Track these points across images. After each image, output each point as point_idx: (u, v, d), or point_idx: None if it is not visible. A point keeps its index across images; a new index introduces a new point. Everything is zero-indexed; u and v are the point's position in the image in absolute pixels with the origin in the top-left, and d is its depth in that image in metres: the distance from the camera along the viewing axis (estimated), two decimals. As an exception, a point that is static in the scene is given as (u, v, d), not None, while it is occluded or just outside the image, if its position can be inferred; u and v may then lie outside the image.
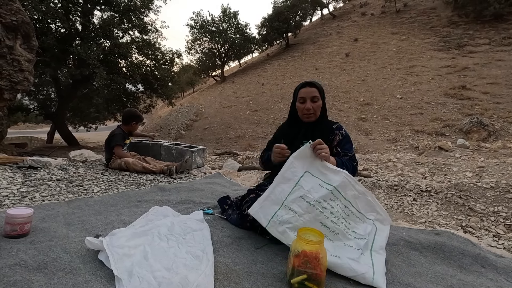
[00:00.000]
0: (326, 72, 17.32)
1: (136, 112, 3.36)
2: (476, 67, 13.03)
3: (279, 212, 1.29)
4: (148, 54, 13.86)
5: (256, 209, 1.34)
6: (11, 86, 5.03)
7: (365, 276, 1.12)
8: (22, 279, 0.98)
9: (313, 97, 1.60)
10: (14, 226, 1.27)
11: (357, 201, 1.35)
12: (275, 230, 1.27)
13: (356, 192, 1.35)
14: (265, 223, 1.29)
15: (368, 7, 27.19)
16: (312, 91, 1.60)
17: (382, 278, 1.14)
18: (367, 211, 1.35)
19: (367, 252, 1.24)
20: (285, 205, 1.30)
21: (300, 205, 1.28)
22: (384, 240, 1.32)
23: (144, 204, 1.88)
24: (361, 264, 1.16)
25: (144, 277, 1.01)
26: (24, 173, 2.57)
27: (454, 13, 19.31)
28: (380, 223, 1.36)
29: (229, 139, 12.87)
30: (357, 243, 1.25)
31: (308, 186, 1.32)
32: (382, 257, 1.25)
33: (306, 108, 1.61)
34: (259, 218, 1.32)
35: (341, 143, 1.61)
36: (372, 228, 1.32)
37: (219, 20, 26.74)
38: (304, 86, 1.63)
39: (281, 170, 1.38)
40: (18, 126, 26.42)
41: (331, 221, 1.27)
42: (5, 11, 4.78)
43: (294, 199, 1.30)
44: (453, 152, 6.26)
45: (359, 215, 1.33)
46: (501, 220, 2.95)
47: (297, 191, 1.31)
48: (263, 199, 1.34)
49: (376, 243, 1.28)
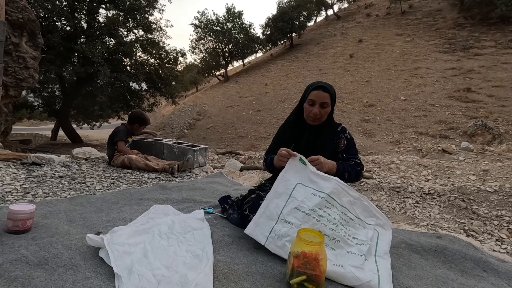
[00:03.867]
0: (329, 73, 17.27)
1: (142, 115, 3.36)
2: (481, 70, 12.92)
3: (276, 227, 1.28)
4: (152, 52, 13.89)
5: (252, 228, 1.34)
6: (16, 83, 5.07)
7: (371, 284, 1.10)
8: (23, 275, 0.99)
9: (323, 103, 1.53)
10: (16, 222, 1.28)
11: (354, 207, 1.33)
12: (274, 246, 1.26)
13: (351, 198, 1.34)
14: (263, 241, 1.28)
15: (373, 8, 27.07)
16: (324, 97, 1.52)
17: (389, 285, 1.12)
18: (366, 217, 1.34)
19: (371, 258, 1.22)
20: (281, 219, 1.29)
21: (296, 216, 1.28)
22: (387, 245, 1.30)
23: (145, 202, 1.89)
24: (366, 271, 1.13)
25: (144, 275, 1.02)
26: (27, 170, 2.59)
27: (460, 15, 19.16)
28: (381, 228, 1.34)
29: (231, 138, 12.88)
30: (359, 249, 1.22)
31: (301, 196, 1.32)
32: (387, 262, 1.23)
33: (313, 113, 1.54)
34: (256, 236, 1.31)
35: (347, 148, 1.59)
36: (374, 233, 1.30)
37: (224, 19, 26.77)
38: (317, 89, 1.53)
39: (273, 186, 1.39)
40: (23, 123, 26.66)
41: (329, 228, 1.25)
42: (11, 8, 4.82)
43: (289, 211, 1.29)
44: (457, 155, 6.22)
45: (359, 221, 1.31)
46: (505, 224, 2.92)
47: (291, 203, 1.31)
48: (258, 217, 1.34)
49: (380, 248, 1.27)
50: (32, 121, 27.65)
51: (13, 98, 5.34)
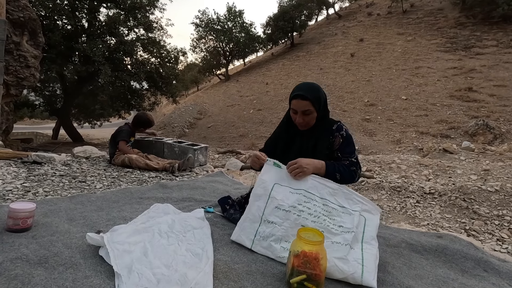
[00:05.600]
0: (330, 72, 17.24)
1: (148, 120, 3.35)
2: (483, 69, 12.88)
3: (260, 229, 1.32)
4: (153, 51, 13.90)
5: (237, 233, 1.38)
6: (18, 82, 5.08)
7: (354, 276, 1.12)
8: (23, 273, 0.99)
9: (304, 111, 1.45)
10: (16, 220, 1.28)
11: (335, 197, 1.35)
12: (260, 248, 1.29)
13: (329, 189, 1.36)
14: (249, 244, 1.32)
15: (374, 7, 26.99)
16: (303, 105, 1.43)
17: (372, 275, 1.13)
18: (350, 204, 1.34)
19: (358, 245, 1.23)
20: (264, 220, 1.33)
21: (277, 215, 1.31)
22: (374, 230, 1.30)
23: (145, 201, 1.89)
24: (350, 263, 1.15)
25: (144, 274, 1.02)
26: (28, 168, 2.60)
27: (461, 14, 19.09)
28: (368, 213, 1.33)
29: (232, 137, 12.88)
30: (344, 237, 1.23)
31: (279, 195, 1.35)
32: (373, 249, 1.23)
33: (297, 122, 1.50)
34: (243, 241, 1.34)
35: (341, 147, 1.49)
36: (360, 219, 1.30)
37: (224, 18, 26.73)
38: (295, 98, 1.45)
39: (252, 190, 1.44)
40: (24, 122, 26.70)
41: (311, 221, 1.28)
42: (12, 7, 4.82)
43: (270, 212, 1.33)
44: (458, 155, 6.19)
45: (343, 209, 1.32)
46: (506, 224, 2.91)
47: (271, 204, 1.34)
48: (242, 221, 1.39)
49: (367, 234, 1.27)
50: (33, 120, 27.72)
51: (14, 97, 5.35)
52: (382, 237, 1.55)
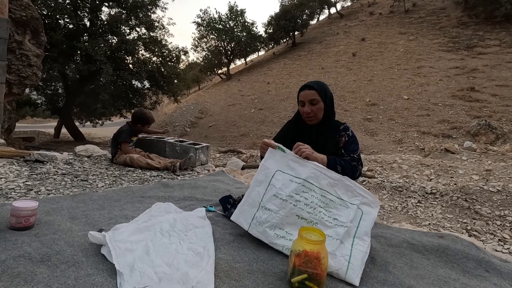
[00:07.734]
0: (332, 71, 17.21)
1: (143, 115, 3.31)
2: (485, 69, 12.82)
3: (257, 214, 1.36)
4: (155, 51, 13.91)
5: (237, 215, 1.42)
6: (20, 81, 5.10)
7: (339, 273, 1.14)
8: (25, 271, 0.99)
9: (311, 100, 1.56)
10: (19, 219, 1.29)
11: (335, 188, 1.35)
12: (256, 232, 1.34)
13: (330, 180, 1.36)
14: (246, 227, 1.37)
15: (376, 7, 26.90)
16: (310, 94, 1.56)
17: (356, 273, 1.14)
18: (350, 197, 1.33)
19: (348, 240, 1.23)
20: (262, 206, 1.36)
21: (274, 203, 1.34)
22: (370, 224, 1.29)
23: (147, 200, 1.90)
24: (337, 258, 1.17)
25: (145, 272, 1.02)
26: (30, 167, 2.61)
27: (464, 13, 19.00)
28: (367, 206, 1.32)
29: (233, 137, 12.88)
30: (336, 231, 1.24)
31: (279, 184, 1.38)
32: (364, 245, 1.23)
33: (305, 112, 1.58)
34: (241, 223, 1.40)
35: (346, 145, 1.58)
36: (357, 213, 1.30)
37: (226, 18, 26.71)
38: (302, 89, 1.59)
39: (254, 175, 1.47)
40: (26, 120, 26.80)
41: (306, 212, 1.30)
42: (14, 6, 4.84)
43: (268, 199, 1.36)
44: (460, 155, 6.18)
45: (341, 202, 1.32)
46: (507, 224, 2.90)
47: (270, 191, 1.37)
48: (242, 204, 1.43)
49: (361, 229, 1.27)
50: (35, 119, 27.79)
51: (17, 96, 5.37)
52: (384, 236, 1.55)
